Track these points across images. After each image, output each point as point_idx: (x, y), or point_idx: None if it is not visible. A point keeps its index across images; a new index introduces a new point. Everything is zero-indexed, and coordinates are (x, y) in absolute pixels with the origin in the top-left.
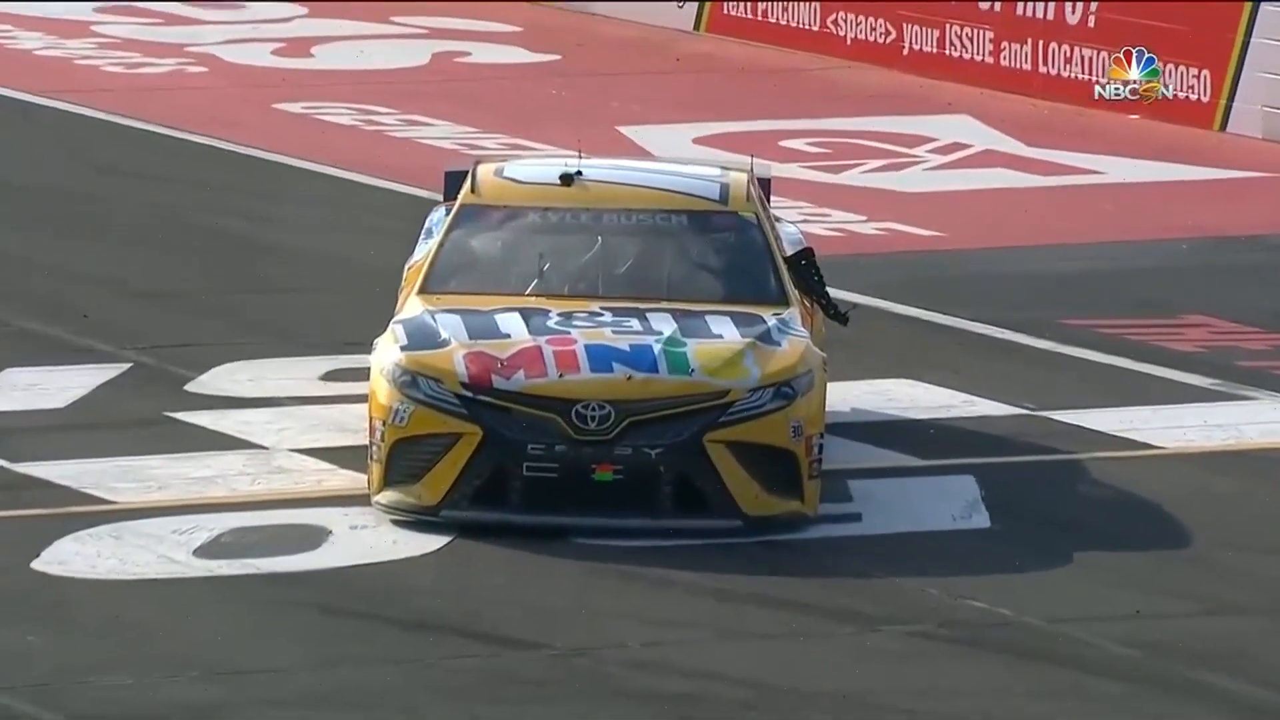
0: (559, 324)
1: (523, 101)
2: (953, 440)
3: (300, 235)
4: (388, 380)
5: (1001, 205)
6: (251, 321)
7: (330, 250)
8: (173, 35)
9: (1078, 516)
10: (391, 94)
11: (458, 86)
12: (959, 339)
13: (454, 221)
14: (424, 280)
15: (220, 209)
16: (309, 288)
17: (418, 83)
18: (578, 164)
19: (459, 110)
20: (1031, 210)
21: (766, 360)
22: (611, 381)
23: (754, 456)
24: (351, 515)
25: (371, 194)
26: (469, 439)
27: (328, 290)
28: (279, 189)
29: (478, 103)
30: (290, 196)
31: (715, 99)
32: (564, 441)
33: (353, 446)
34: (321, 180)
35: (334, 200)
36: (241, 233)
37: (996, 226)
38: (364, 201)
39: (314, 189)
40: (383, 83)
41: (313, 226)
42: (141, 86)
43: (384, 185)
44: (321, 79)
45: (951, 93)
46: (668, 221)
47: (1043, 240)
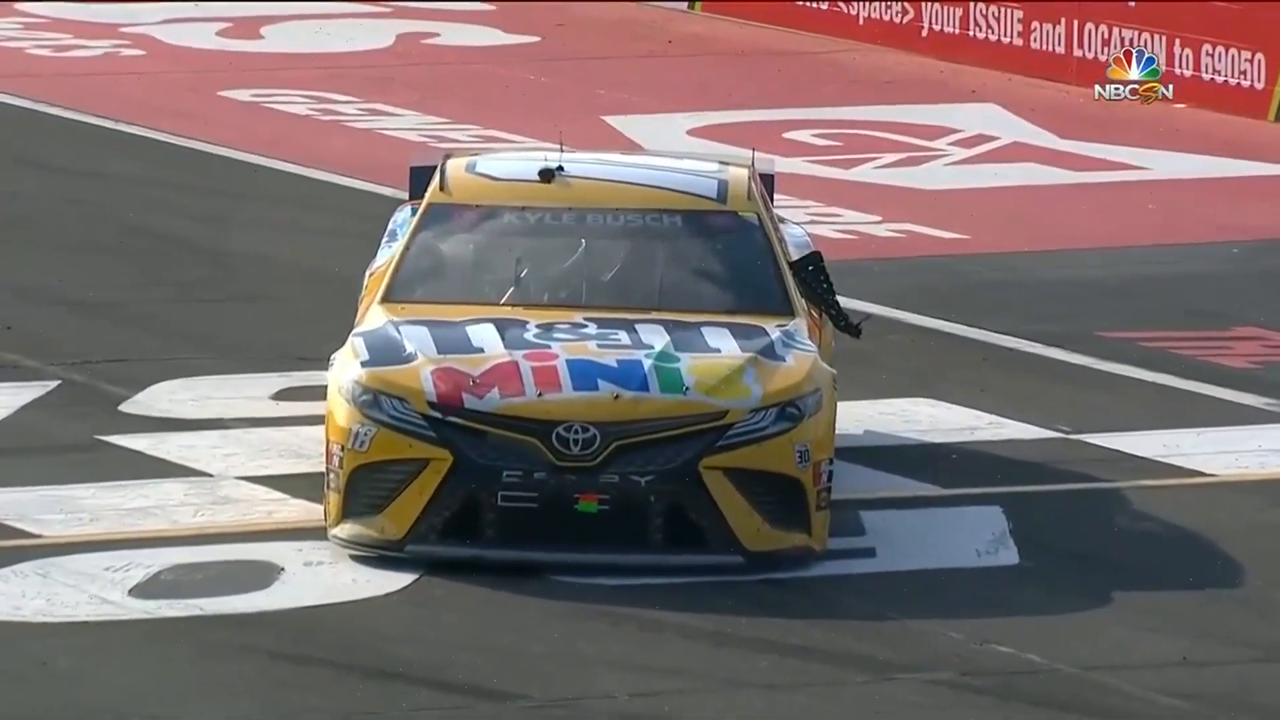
0: (538, 337)
1: (497, 89)
2: (977, 467)
3: (248, 238)
4: (347, 400)
5: (1031, 204)
6: (194, 334)
7: (282, 254)
8: (106, 14)
9: (1117, 552)
10: (351, 80)
11: (425, 72)
12: (984, 353)
13: (421, 222)
14: (387, 288)
15: (159, 208)
16: (259, 296)
17: (380, 67)
18: (559, 158)
19: (426, 98)
20: (1065, 210)
21: (769, 377)
22: (596, 401)
23: (755, 485)
24: (306, 550)
25: (328, 192)
26: (437, 465)
27: (280, 299)
28: (225, 186)
29: (447, 90)
30: (238, 194)
31: (712, 85)
32: (543, 468)
33: (308, 474)
34: (272, 176)
35: (286, 199)
36: (182, 234)
37: (1026, 228)
38: (320, 200)
39: (264, 186)
40: (341, 67)
41: (262, 228)
42: (71, 72)
43: (342, 182)
44: (273, 63)
45: (976, 79)
46: (659, 222)
47: (1078, 244)
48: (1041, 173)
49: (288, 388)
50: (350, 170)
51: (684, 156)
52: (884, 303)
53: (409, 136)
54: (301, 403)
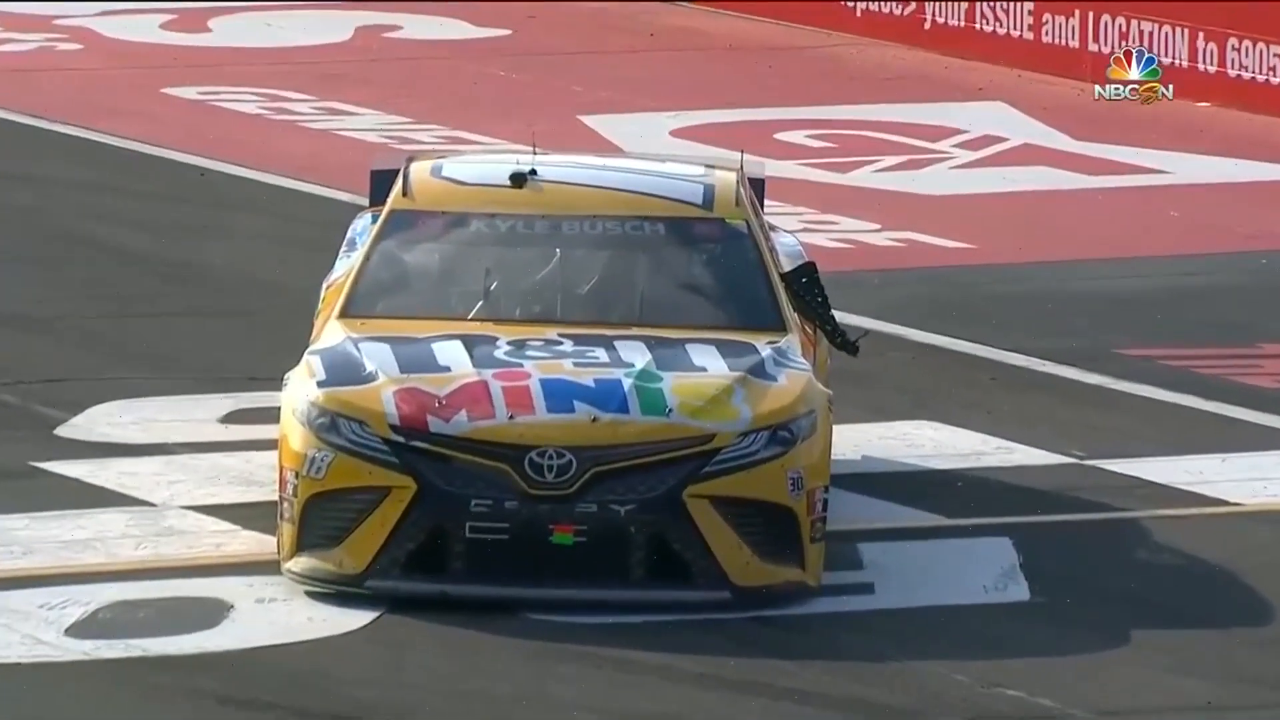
0: (509, 355)
1: (465, 86)
2: (985, 495)
3: (195, 247)
4: (302, 422)
5: (1043, 211)
6: (136, 351)
7: (232, 265)
8: (40, 6)
9: (1135, 587)
10: (306, 77)
11: (386, 67)
12: (992, 372)
13: (382, 230)
14: (346, 301)
15: (98, 215)
16: (206, 310)
17: (338, 63)
18: (531, 161)
19: (388, 96)
20: (1079, 217)
21: (759, 398)
22: (572, 424)
23: (744, 515)
24: (258, 586)
25: (282, 197)
26: (400, 494)
27: (229, 314)
28: (169, 191)
29: (410, 87)
30: (183, 200)
31: (697, 82)
32: (515, 497)
33: (259, 503)
34: (221, 181)
35: (236, 205)
36: (123, 243)
37: (1037, 237)
38: (273, 206)
39: (212, 191)
40: (295, 63)
41: (210, 236)
42: (2, 67)
43: (297, 186)
44: (221, 58)
45: (983, 75)
46: (640, 231)
47: (1094, 254)
48: (1053, 176)
49: (238, 410)
50: (305, 174)
51: (667, 159)
52: (883, 317)
53: (369, 137)
54: (253, 426)
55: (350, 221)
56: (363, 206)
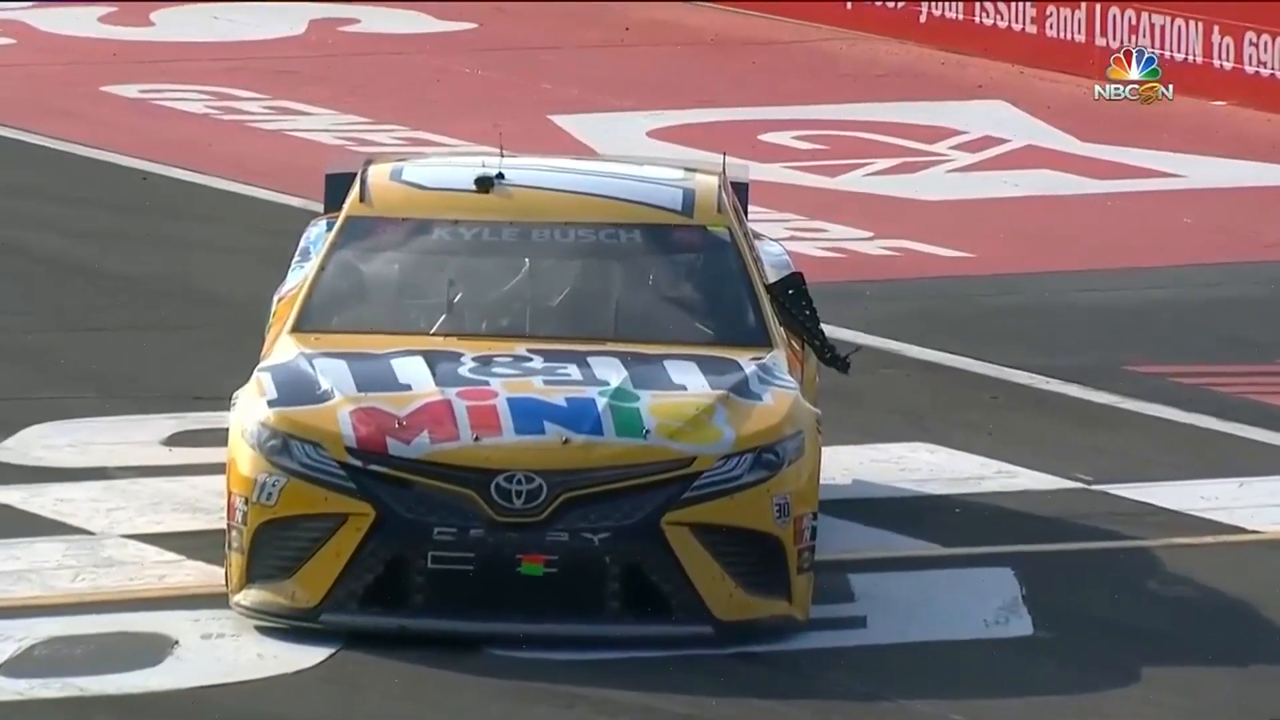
0: (474, 372)
1: (427, 83)
2: (985, 523)
3: (137, 256)
4: (252, 445)
5: (1047, 217)
6: (73, 369)
7: (176, 276)
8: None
9: (1146, 621)
10: (256, 73)
11: (342, 64)
12: (993, 391)
13: (338, 239)
14: (299, 315)
15: (32, 222)
16: (148, 325)
17: (290, 59)
18: (498, 164)
19: (343, 94)
20: (1087, 224)
21: (743, 419)
22: (542, 446)
23: (727, 544)
24: (204, 621)
25: (230, 203)
26: (357, 521)
27: (174, 328)
28: (109, 197)
29: (368, 85)
30: (123, 206)
31: (676, 79)
32: (481, 524)
33: (206, 531)
34: (164, 185)
35: (180, 211)
36: (59, 253)
37: (1041, 245)
38: (220, 213)
39: (155, 197)
40: (245, 59)
41: (153, 245)
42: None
43: (246, 191)
44: (165, 54)
45: (982, 72)
46: (615, 239)
47: (1103, 263)
48: (1058, 181)
49: (182, 431)
50: (255, 178)
51: (644, 162)
52: (876, 332)
53: (323, 139)
54: (198, 449)
55: (303, 229)
56: (317, 213)
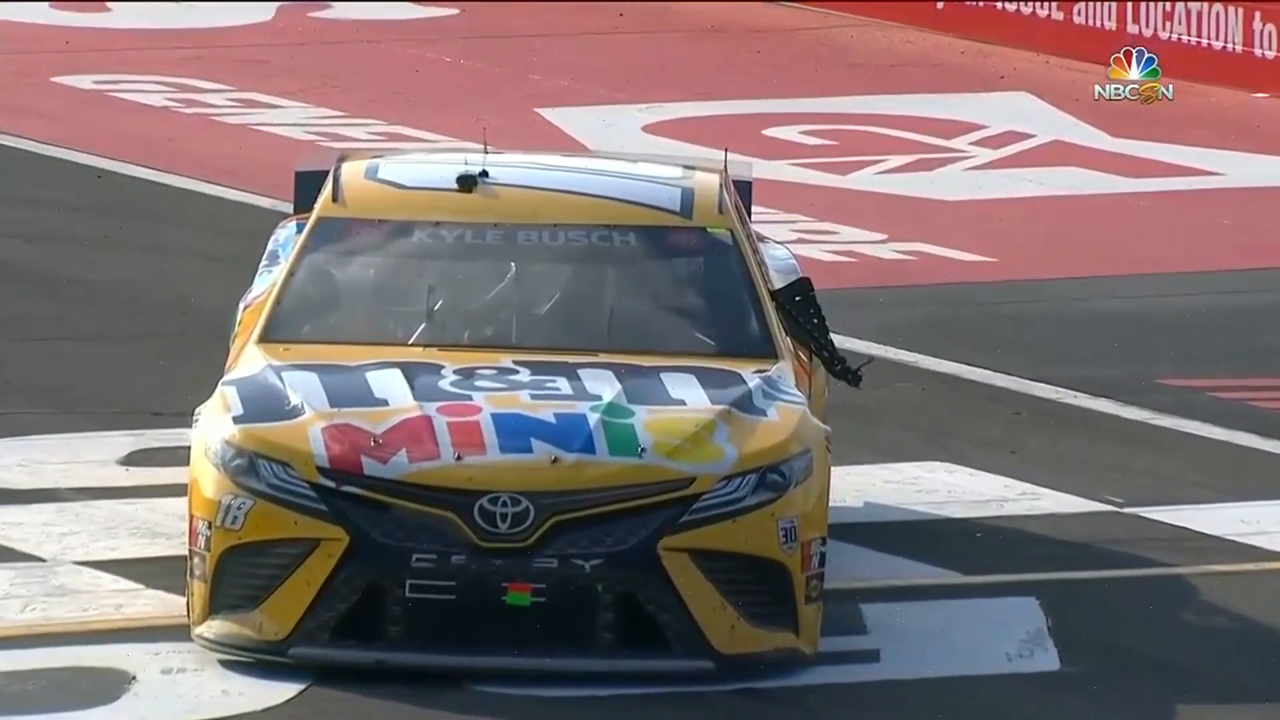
0: (456, 385)
1: (405, 74)
2: (1008, 548)
3: (93, 261)
4: (215, 464)
5: (1075, 219)
6: (23, 382)
7: (134, 281)
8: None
9: (1181, 655)
10: (221, 63)
11: (313, 53)
12: (1016, 406)
13: (309, 241)
14: (267, 324)
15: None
16: (104, 334)
17: (258, 47)
18: (482, 161)
19: (315, 86)
20: (1117, 227)
21: (746, 436)
22: (530, 466)
23: (729, 571)
24: (164, 655)
25: (192, 203)
26: (330, 547)
27: (131, 338)
28: (62, 196)
29: (342, 76)
30: (78, 207)
31: (674, 70)
32: (463, 550)
33: (166, 558)
34: (121, 184)
35: (139, 212)
36: (8, 257)
37: (1068, 249)
38: (182, 214)
39: (111, 196)
40: (208, 48)
41: (109, 248)
42: None
43: (210, 190)
44: (122, 42)
45: (1005, 62)
46: (608, 242)
47: (1134, 269)
48: (1086, 179)
49: (140, 450)
50: (219, 176)
51: (639, 159)
52: (890, 342)
53: (293, 134)
54: (158, 469)
55: (271, 231)
56: (286, 214)
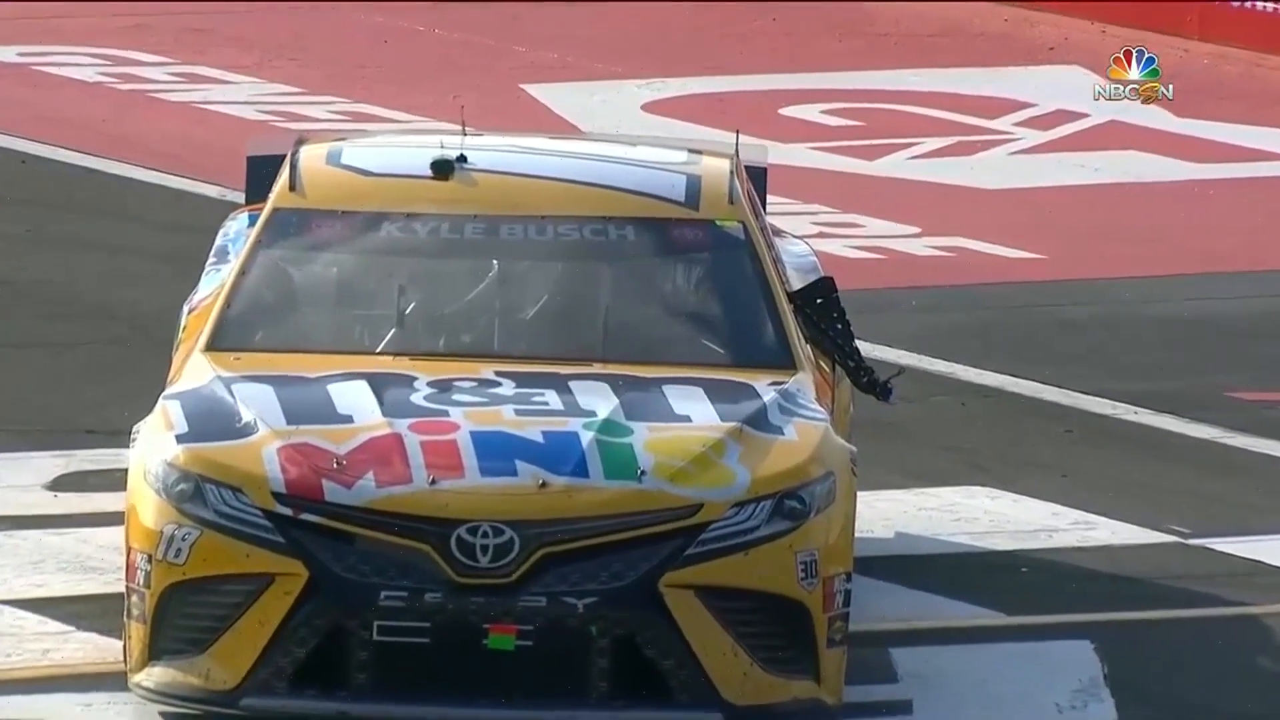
0: (431, 400)
1: (371, 45)
2: (1058, 585)
3: (15, 258)
4: (157, 489)
5: (1135, 210)
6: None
7: (63, 282)
8: None
9: (1252, 705)
10: (162, 33)
11: (267, 21)
12: (1067, 422)
13: (263, 236)
14: (215, 329)
15: None
16: (30, 342)
17: (203, 15)
18: (459, 144)
19: (269, 59)
20: (1183, 219)
21: (760, 457)
22: (514, 491)
23: (741, 611)
24: (97, 706)
25: (129, 192)
26: (287, 583)
27: (60, 345)
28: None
29: (299, 47)
30: (0, 197)
31: (678, 40)
32: (439, 587)
33: (100, 596)
34: (49, 170)
35: (69, 203)
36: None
37: (1126, 244)
38: (117, 204)
39: (37, 184)
40: (147, 15)
41: (35, 244)
42: None
43: (149, 178)
44: (50, 9)
45: (1055, 31)
46: (603, 236)
47: (1201, 267)
48: (1147, 165)
49: (70, 473)
50: (160, 161)
51: (638, 142)
52: (924, 350)
53: (244, 113)
54: (90, 495)
55: (220, 224)
56: (237, 204)
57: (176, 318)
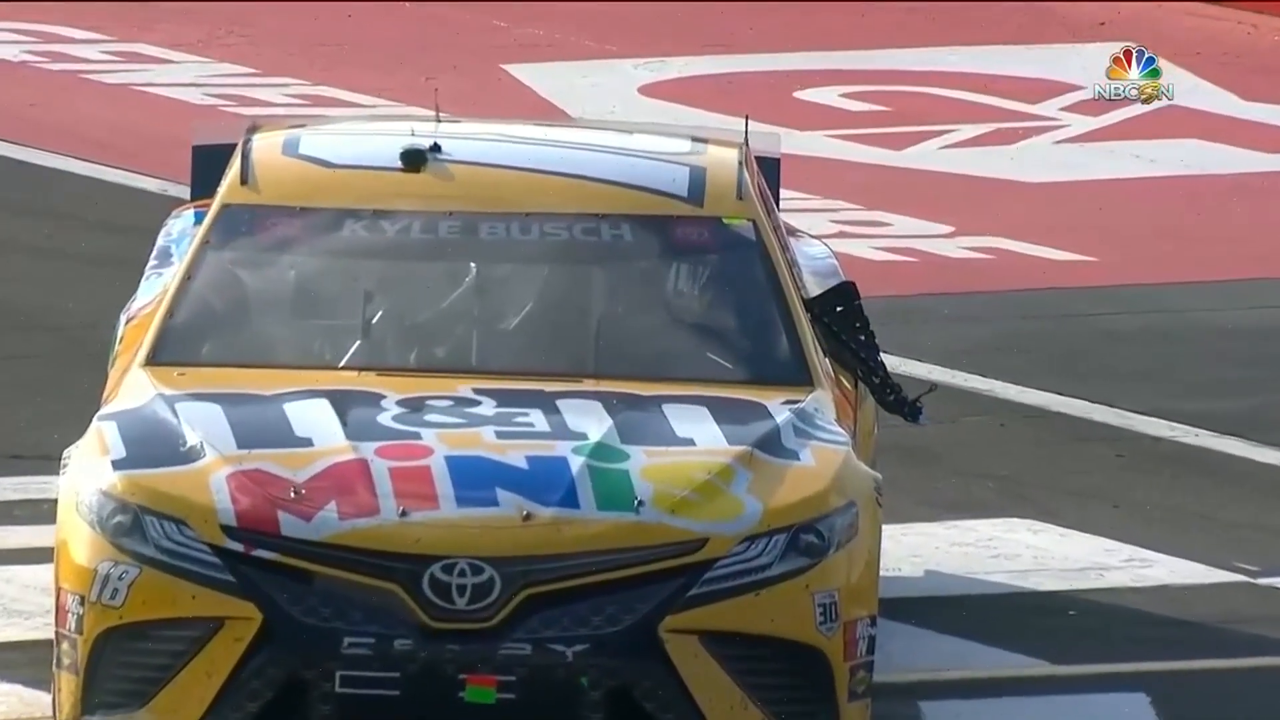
0: (401, 420)
1: (334, 20)
2: (1109, 630)
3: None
4: (90, 522)
5: (1195, 206)
6: None
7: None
8: None
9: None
10: (95, 6)
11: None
12: (1118, 445)
13: (211, 235)
14: (157, 341)
15: None
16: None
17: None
18: (433, 132)
19: (217, 35)
20: (1250, 217)
21: (773, 485)
22: (495, 524)
23: (751, 659)
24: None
25: (59, 185)
26: (238, 629)
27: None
28: None
29: (251, 22)
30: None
31: (679, 15)
32: (410, 632)
33: (26, 642)
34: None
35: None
36: None
37: (1186, 245)
38: (44, 200)
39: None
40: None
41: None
42: None
43: (81, 170)
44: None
45: (1107, 3)
46: (595, 235)
47: (1271, 270)
48: (1211, 155)
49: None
50: (93, 152)
51: (635, 129)
52: (957, 365)
53: (189, 96)
54: (15, 528)
55: (162, 223)
56: (182, 200)
57: (113, 328)
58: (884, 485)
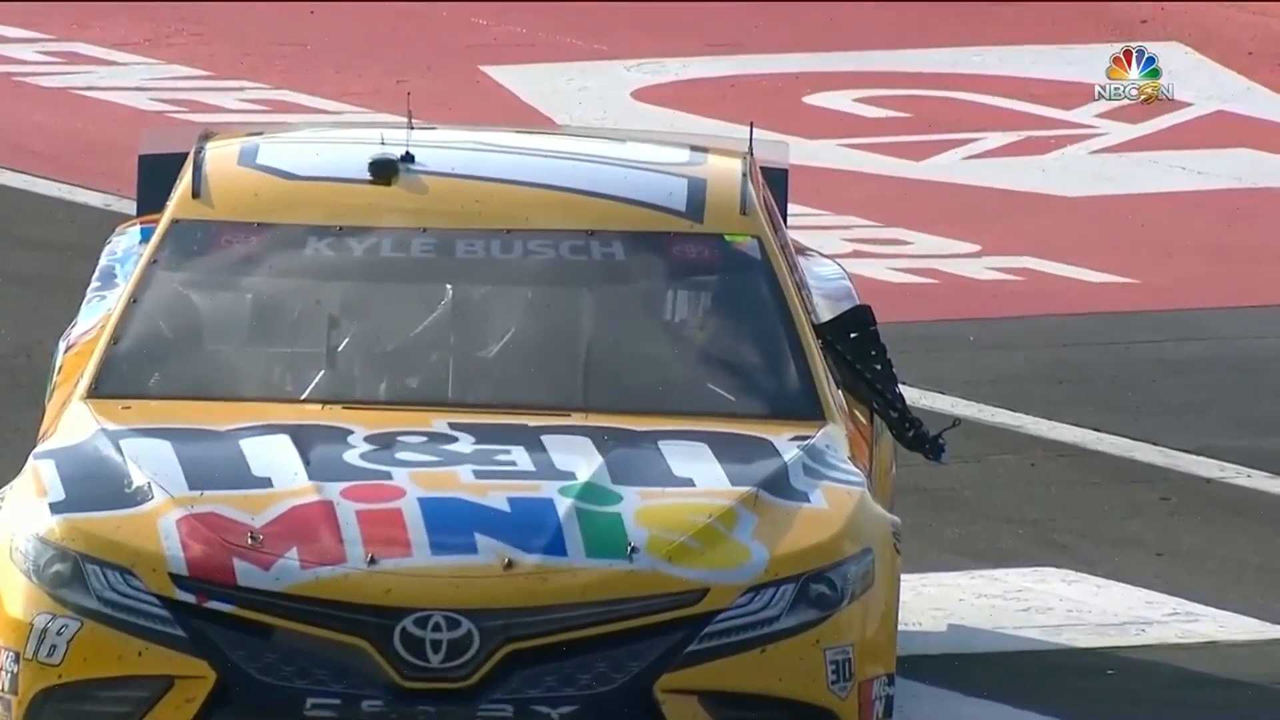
0: (369, 459)
1: (296, 19)
2: (1151, 691)
3: None
4: (25, 571)
5: (1247, 222)
6: None
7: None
8: None
9: None
10: (38, 8)
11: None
12: (1162, 487)
13: (158, 255)
14: (100, 371)
15: None
16: None
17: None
18: (405, 141)
19: (167, 34)
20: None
21: (781, 530)
22: (473, 573)
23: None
24: None
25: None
26: (189, 688)
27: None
28: None
29: (204, 20)
30: None
31: (678, 12)
32: (379, 692)
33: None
34: None
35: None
36: None
37: (1237, 265)
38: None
39: None
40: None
41: None
42: None
43: (15, 183)
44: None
45: (1150, 2)
46: (584, 254)
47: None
48: (1265, 166)
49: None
50: (29, 163)
51: (628, 138)
52: (983, 398)
53: (136, 101)
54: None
55: (106, 240)
56: (128, 215)
57: (50, 357)
58: (903, 530)
